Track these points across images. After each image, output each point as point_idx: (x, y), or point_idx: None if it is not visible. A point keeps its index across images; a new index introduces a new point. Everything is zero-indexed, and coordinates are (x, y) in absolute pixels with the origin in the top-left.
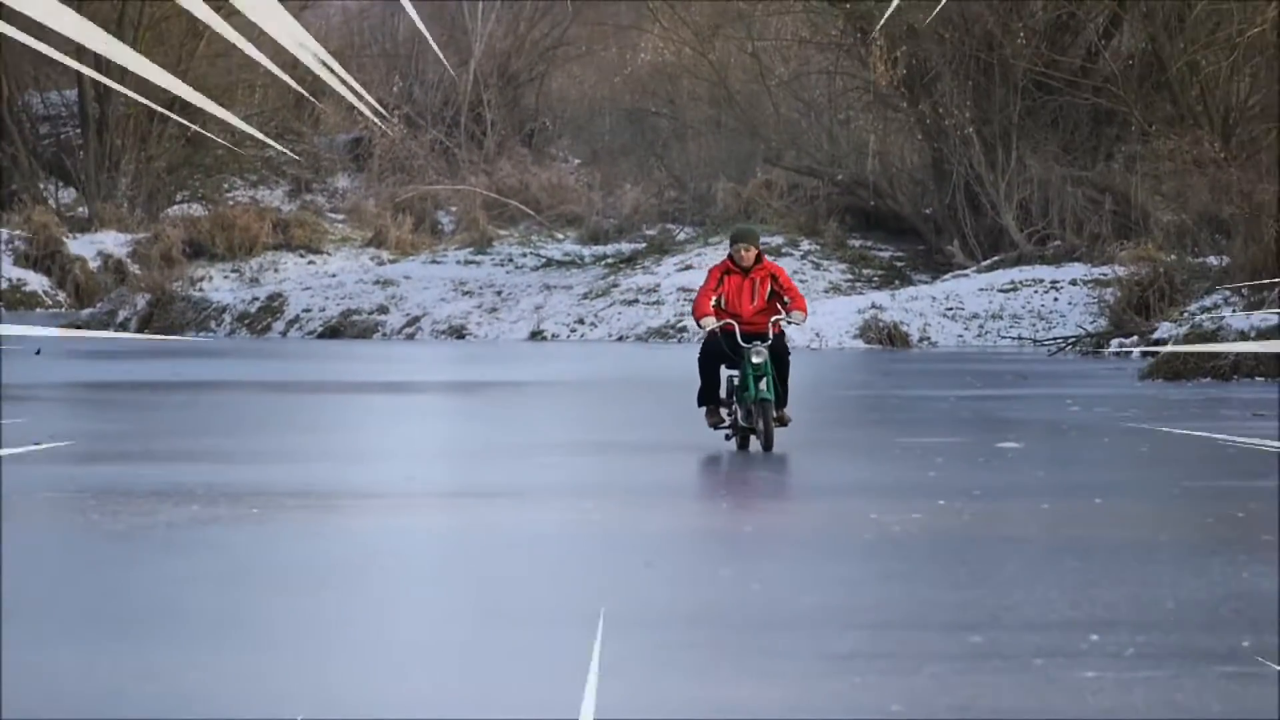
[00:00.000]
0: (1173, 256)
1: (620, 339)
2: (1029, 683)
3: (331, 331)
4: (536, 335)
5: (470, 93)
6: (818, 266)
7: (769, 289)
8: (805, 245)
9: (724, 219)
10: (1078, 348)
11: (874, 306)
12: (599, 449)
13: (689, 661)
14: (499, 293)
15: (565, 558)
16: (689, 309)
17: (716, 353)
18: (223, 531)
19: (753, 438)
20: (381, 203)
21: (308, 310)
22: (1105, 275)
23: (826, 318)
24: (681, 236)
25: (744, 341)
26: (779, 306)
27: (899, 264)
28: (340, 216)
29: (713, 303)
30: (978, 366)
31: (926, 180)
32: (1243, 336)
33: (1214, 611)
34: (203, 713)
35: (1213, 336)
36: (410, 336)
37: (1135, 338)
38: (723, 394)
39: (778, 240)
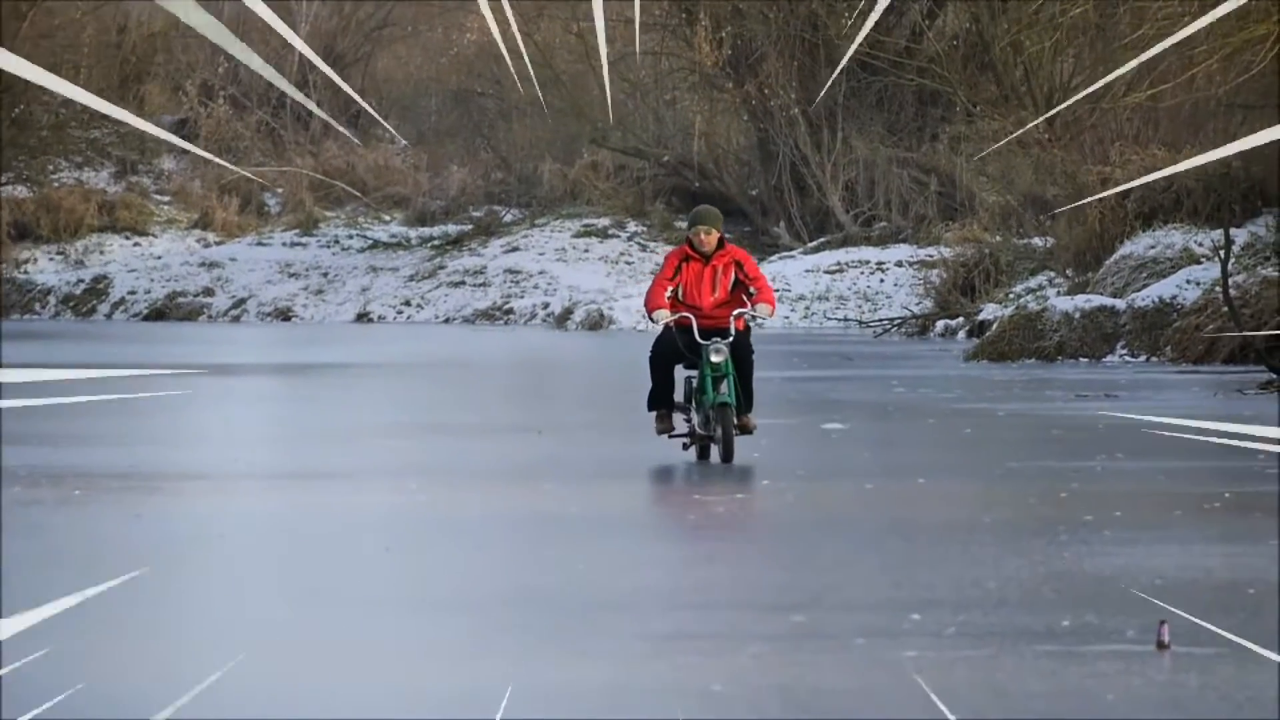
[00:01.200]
0: (998, 237)
1: (447, 321)
2: (851, 662)
3: (157, 314)
4: (363, 317)
5: (296, 74)
6: (644, 248)
7: (733, 278)
8: (632, 226)
9: (550, 200)
10: (903, 329)
11: None
12: (425, 431)
13: (512, 643)
14: (325, 274)
15: (390, 539)
16: (515, 290)
17: (671, 351)
18: (44, 513)
19: (713, 447)
20: (207, 184)
21: (133, 292)
22: (931, 256)
23: None
24: (508, 218)
25: (702, 338)
26: (744, 298)
27: None
28: (166, 198)
29: (668, 294)
30: (804, 348)
31: (752, 161)
32: (1067, 318)
33: (1035, 591)
34: (28, 701)
35: (1038, 317)
36: (236, 319)
37: (961, 319)
38: (680, 397)
39: (605, 221)
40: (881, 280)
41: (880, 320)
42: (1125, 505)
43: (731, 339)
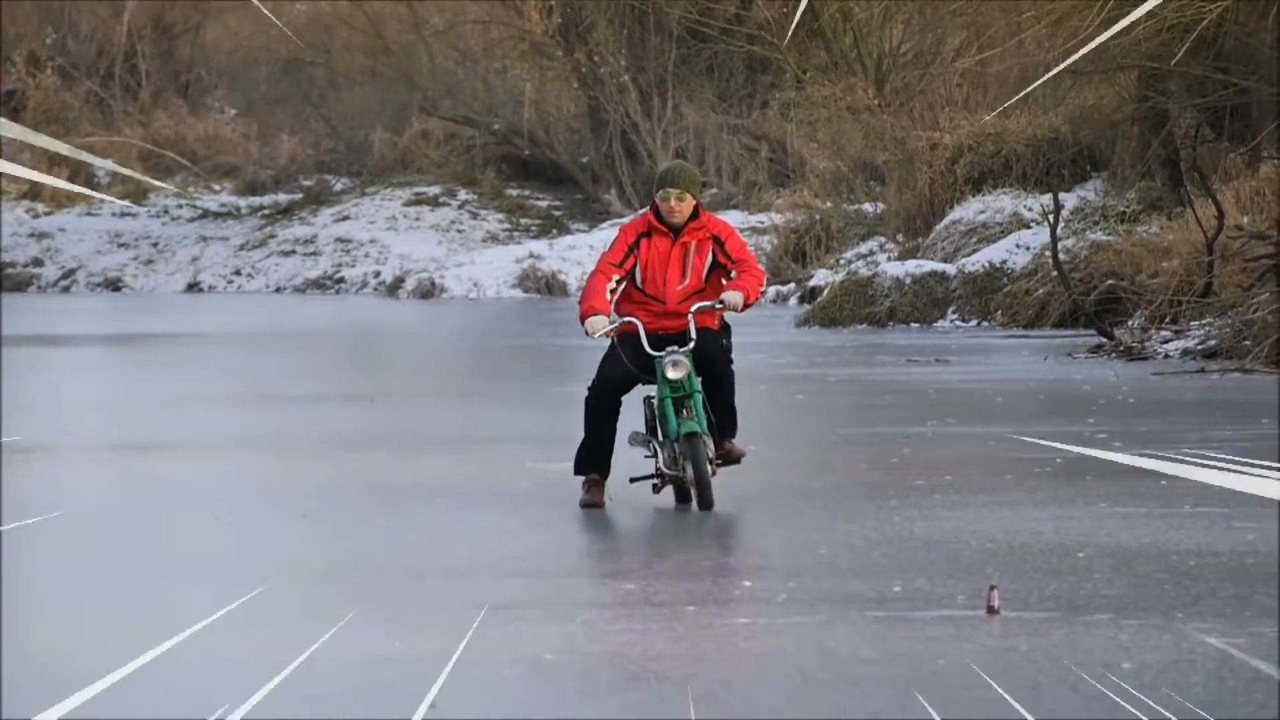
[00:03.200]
0: (828, 203)
1: (278, 290)
2: (681, 629)
3: None
4: (194, 287)
5: (125, 44)
6: (475, 216)
7: (709, 259)
8: (463, 195)
9: (381, 169)
10: None
11: (532, 256)
12: (257, 400)
13: (343, 613)
14: (155, 244)
15: (222, 510)
16: (347, 259)
17: (616, 383)
18: None
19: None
20: (36, 155)
21: None
22: (762, 223)
23: (485, 268)
24: (339, 187)
25: (653, 347)
26: (724, 284)
27: (556, 213)
28: None
29: (610, 286)
30: None
31: (583, 129)
32: (897, 283)
33: (866, 557)
34: None
35: (869, 283)
36: (66, 289)
37: (793, 284)
38: (642, 427)
39: (435, 190)
40: None
41: None
42: (956, 470)
43: (693, 344)
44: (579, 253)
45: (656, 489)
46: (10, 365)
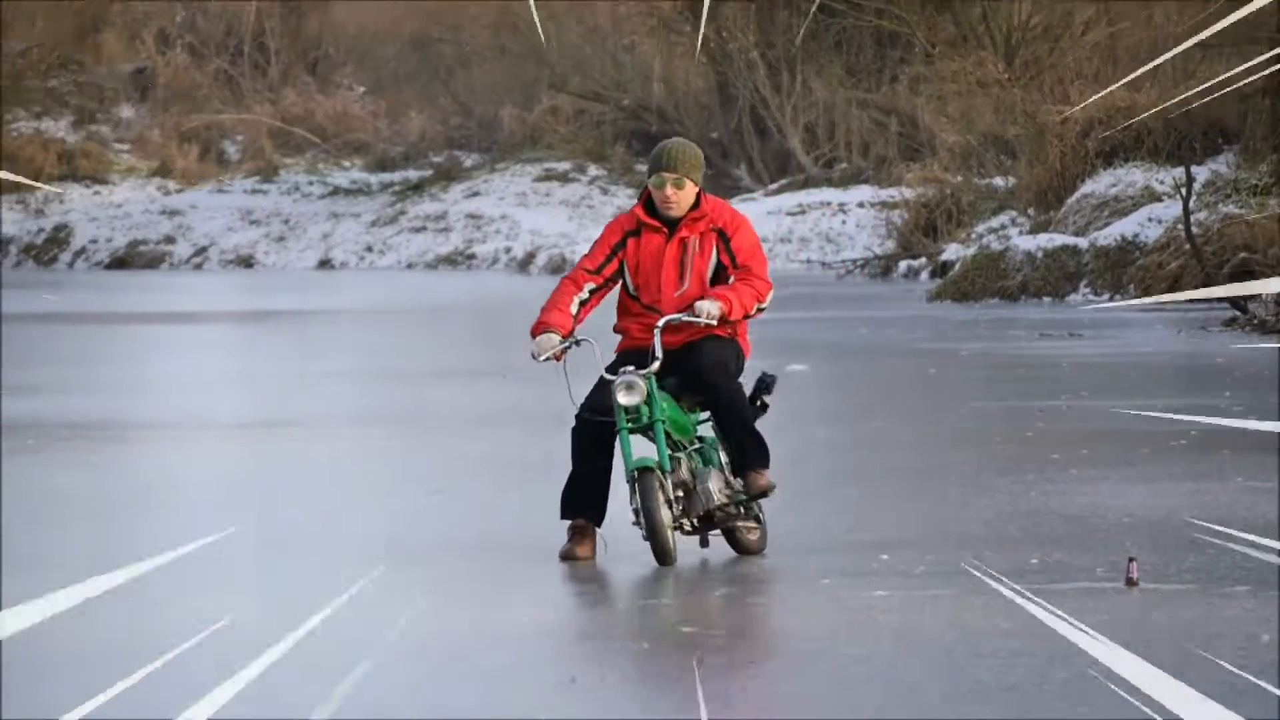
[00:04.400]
0: (959, 178)
1: (409, 266)
2: (816, 603)
3: (119, 262)
4: (325, 264)
5: (254, 21)
6: (605, 191)
7: (713, 258)
8: (592, 170)
9: (510, 145)
10: (866, 270)
11: None
12: (388, 377)
13: (474, 590)
14: (286, 221)
15: (354, 486)
16: (478, 235)
17: (596, 413)
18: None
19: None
20: (167, 132)
21: (94, 241)
22: (892, 197)
23: None
24: (469, 163)
25: (608, 371)
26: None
27: None
28: (125, 147)
29: (581, 297)
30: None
31: (712, 104)
32: (1029, 257)
33: (1002, 530)
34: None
35: (1000, 257)
36: (198, 266)
37: (924, 259)
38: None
39: (565, 166)
40: (844, 222)
41: (843, 261)
42: (1091, 443)
43: (658, 362)
44: None
45: (690, 533)
46: (144, 342)
